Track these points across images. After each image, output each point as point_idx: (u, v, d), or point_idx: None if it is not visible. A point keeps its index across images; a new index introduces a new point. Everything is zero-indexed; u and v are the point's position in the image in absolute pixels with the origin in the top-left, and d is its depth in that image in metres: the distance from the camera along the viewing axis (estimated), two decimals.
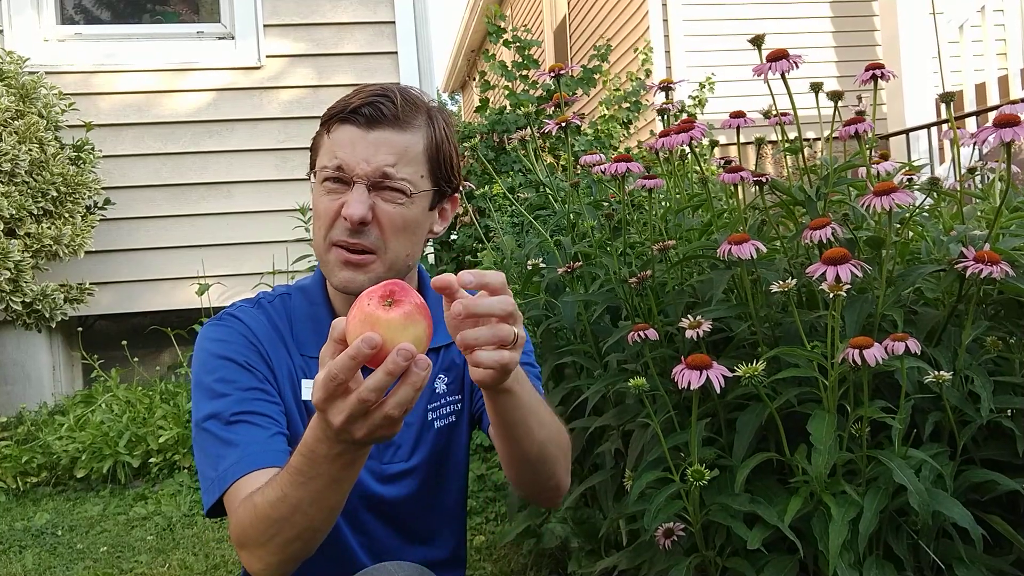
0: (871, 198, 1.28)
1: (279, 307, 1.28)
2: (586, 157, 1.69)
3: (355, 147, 1.16)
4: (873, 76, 1.45)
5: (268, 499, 0.98)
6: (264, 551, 1.00)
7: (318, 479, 0.93)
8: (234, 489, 1.07)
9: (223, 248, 4.32)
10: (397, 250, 1.19)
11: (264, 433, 1.13)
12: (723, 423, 1.43)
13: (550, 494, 1.21)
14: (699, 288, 1.57)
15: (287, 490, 0.95)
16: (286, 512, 0.96)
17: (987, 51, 5.14)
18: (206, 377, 1.17)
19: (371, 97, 1.16)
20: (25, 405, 3.82)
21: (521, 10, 11.40)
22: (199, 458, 1.16)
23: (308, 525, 0.97)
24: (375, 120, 1.16)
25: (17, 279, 3.37)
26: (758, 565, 1.27)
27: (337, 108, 1.19)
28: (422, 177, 1.19)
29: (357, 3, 4.47)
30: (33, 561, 2.52)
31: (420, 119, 1.19)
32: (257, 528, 1.00)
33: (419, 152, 1.19)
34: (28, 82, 3.62)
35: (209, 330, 1.23)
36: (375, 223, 1.17)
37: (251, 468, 1.08)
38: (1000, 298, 1.43)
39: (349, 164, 1.15)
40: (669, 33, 6.35)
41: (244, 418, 1.13)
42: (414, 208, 1.19)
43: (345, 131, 1.17)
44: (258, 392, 1.17)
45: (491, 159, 4.92)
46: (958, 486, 1.27)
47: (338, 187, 1.17)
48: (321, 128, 1.22)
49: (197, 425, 1.16)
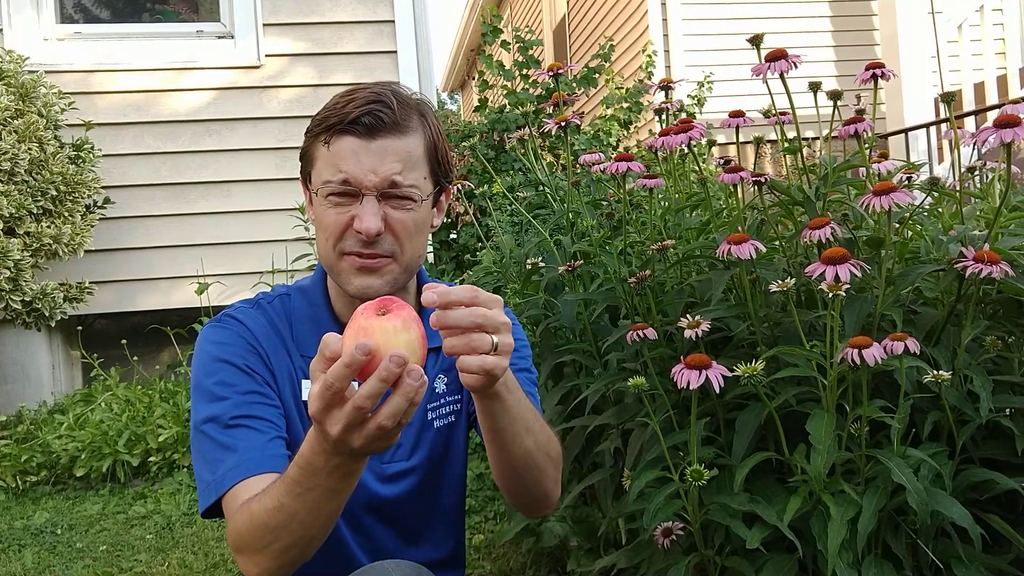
0: (870, 198, 1.28)
1: (279, 308, 1.28)
2: (586, 156, 1.69)
3: (359, 158, 1.14)
4: (873, 75, 1.45)
5: (265, 507, 0.98)
6: (261, 557, 1.01)
7: (315, 490, 0.94)
8: (232, 494, 1.07)
9: (222, 247, 4.32)
10: (411, 252, 1.20)
11: (262, 438, 1.13)
12: (722, 422, 1.43)
13: (536, 504, 1.21)
14: (698, 288, 1.57)
15: (284, 500, 0.96)
16: (283, 521, 0.97)
17: (986, 50, 5.14)
18: (205, 380, 1.17)
19: (368, 105, 1.14)
20: (25, 404, 3.82)
21: (521, 10, 11.40)
22: (197, 460, 1.15)
23: (304, 533, 0.98)
24: (375, 129, 1.14)
25: (17, 278, 3.37)
26: (757, 564, 1.27)
27: (333, 119, 1.15)
28: (425, 179, 1.20)
29: (356, 2, 4.47)
30: (33, 560, 2.52)
31: (415, 120, 1.19)
32: (254, 535, 1.00)
33: (420, 155, 1.19)
34: (28, 81, 3.62)
35: (209, 332, 1.23)
36: (388, 231, 1.17)
37: (248, 474, 1.08)
38: (999, 298, 1.43)
39: (356, 177, 1.14)
40: (668, 33, 6.35)
41: (242, 422, 1.13)
42: (422, 210, 1.20)
43: (345, 142, 1.15)
44: (257, 396, 1.17)
45: (491, 158, 4.92)
46: (957, 485, 1.27)
47: (345, 200, 1.16)
48: (314, 138, 1.19)
49: (195, 428, 1.16)
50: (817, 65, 6.34)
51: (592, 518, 1.84)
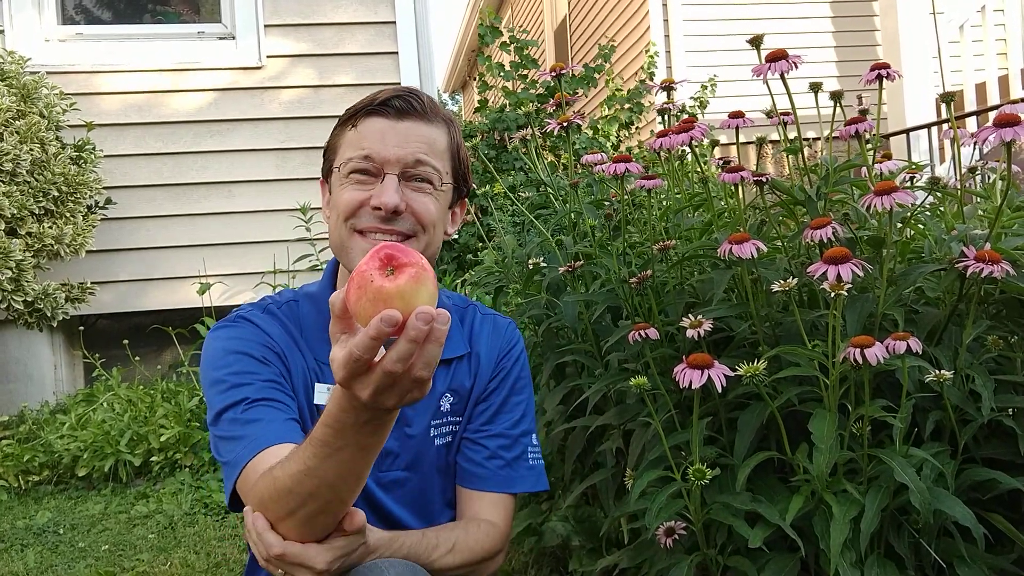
0: (872, 198, 1.28)
1: (288, 313, 1.28)
2: (587, 156, 1.69)
3: (385, 137, 1.16)
4: (879, 76, 1.45)
5: (289, 472, 0.94)
6: (286, 525, 0.98)
7: (346, 449, 0.90)
8: (252, 465, 1.06)
9: (224, 247, 4.32)
10: (431, 236, 1.20)
11: (281, 415, 1.13)
12: (724, 422, 1.43)
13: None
14: (700, 288, 1.57)
15: (311, 463, 0.92)
16: (311, 487, 0.93)
17: (987, 51, 5.14)
18: (221, 372, 1.16)
19: (399, 91, 1.18)
20: (27, 404, 3.82)
21: (521, 10, 11.40)
22: (218, 450, 1.14)
23: (335, 497, 0.95)
24: (405, 112, 1.17)
25: (19, 278, 3.38)
26: (759, 564, 1.27)
27: (363, 103, 1.19)
28: (447, 172, 1.21)
29: (358, 3, 4.47)
30: (35, 559, 2.52)
31: (442, 118, 1.22)
32: (279, 502, 0.97)
33: (444, 147, 1.21)
34: (29, 82, 3.63)
35: (220, 331, 1.23)
36: (409, 212, 1.17)
37: (269, 443, 1.07)
38: (1001, 297, 1.43)
39: (380, 153, 1.15)
40: (669, 33, 6.35)
41: (262, 403, 1.13)
42: (440, 201, 1.21)
43: (374, 122, 1.17)
44: (275, 384, 1.17)
45: (492, 158, 4.92)
46: (959, 485, 1.27)
47: (366, 179, 1.17)
48: (342, 125, 1.22)
49: (215, 421, 1.14)
50: (818, 65, 6.34)
51: (594, 518, 1.84)
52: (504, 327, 1.40)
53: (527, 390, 1.39)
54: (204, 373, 1.21)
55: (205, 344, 1.24)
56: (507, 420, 1.34)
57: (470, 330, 1.37)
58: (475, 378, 1.34)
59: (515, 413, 1.35)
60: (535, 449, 1.37)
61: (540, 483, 1.36)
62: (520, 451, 1.34)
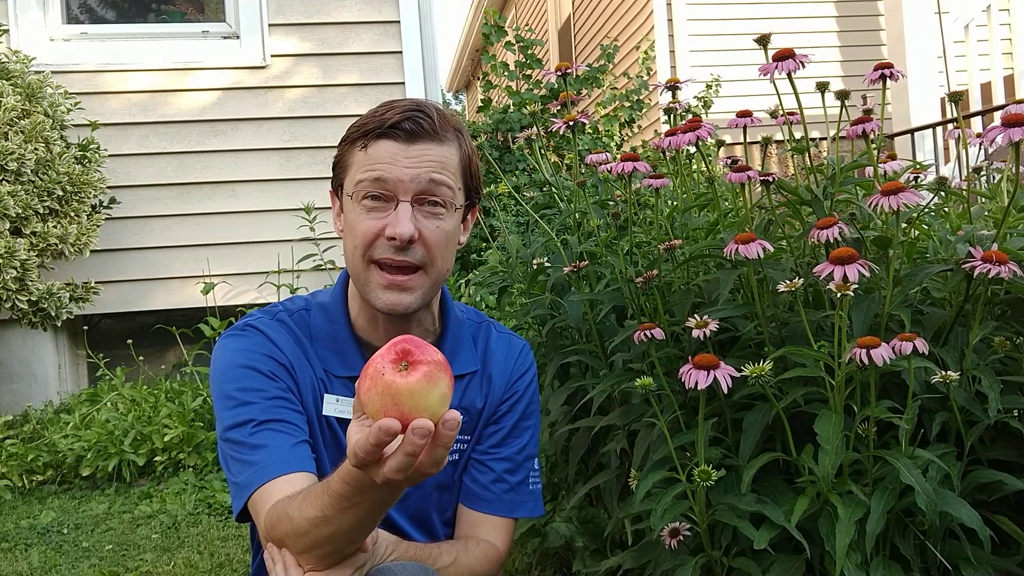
0: (878, 198, 1.27)
1: (299, 323, 1.27)
2: (592, 156, 1.69)
3: (396, 161, 1.15)
4: (882, 76, 1.44)
5: (306, 517, 0.97)
6: (302, 556, 1.01)
7: (363, 504, 0.92)
8: (260, 494, 1.08)
9: (228, 247, 4.33)
10: (440, 265, 1.20)
11: (289, 440, 1.13)
12: (729, 423, 1.42)
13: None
14: (705, 288, 1.56)
15: (328, 512, 0.94)
16: (328, 532, 0.96)
17: (993, 51, 5.13)
18: (229, 386, 1.17)
19: (408, 112, 1.15)
20: (31, 403, 3.83)
21: (525, 10, 11.40)
22: (227, 465, 1.16)
23: (350, 541, 0.99)
24: (415, 134, 1.15)
25: (23, 278, 3.38)
26: (764, 565, 1.27)
27: (372, 124, 1.17)
28: (459, 190, 1.21)
29: (362, 2, 4.47)
30: (39, 559, 2.52)
31: (452, 132, 1.20)
32: (293, 540, 1.00)
33: (456, 164, 1.20)
34: (34, 81, 3.63)
35: (229, 341, 1.23)
36: (420, 241, 1.17)
37: (278, 473, 1.08)
38: (1008, 298, 1.43)
39: (392, 177, 1.14)
40: (674, 33, 6.34)
41: (270, 426, 1.14)
42: (452, 221, 1.20)
43: (384, 146, 1.16)
44: (282, 401, 1.17)
45: (496, 158, 4.92)
46: (965, 486, 1.26)
47: (379, 205, 1.16)
48: (351, 144, 1.20)
49: (223, 435, 1.16)
50: (823, 65, 6.32)
51: (598, 519, 1.84)
52: (519, 349, 1.40)
53: (536, 415, 1.40)
54: (213, 383, 1.22)
55: (214, 352, 1.24)
56: (516, 445, 1.35)
57: (484, 348, 1.37)
58: (486, 398, 1.34)
59: (523, 438, 1.36)
60: (536, 474, 1.38)
61: (537, 509, 1.38)
62: (524, 476, 1.35)
